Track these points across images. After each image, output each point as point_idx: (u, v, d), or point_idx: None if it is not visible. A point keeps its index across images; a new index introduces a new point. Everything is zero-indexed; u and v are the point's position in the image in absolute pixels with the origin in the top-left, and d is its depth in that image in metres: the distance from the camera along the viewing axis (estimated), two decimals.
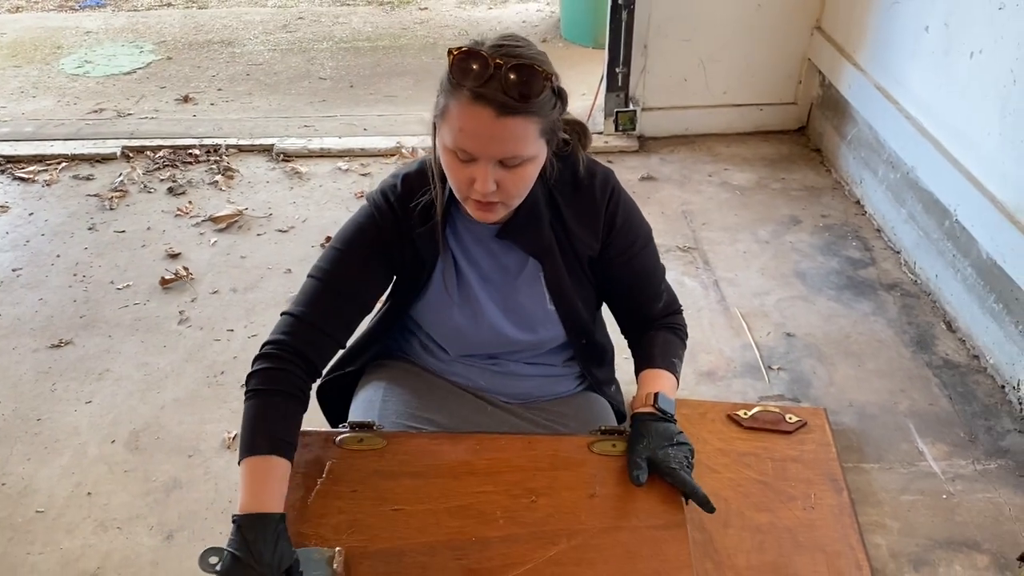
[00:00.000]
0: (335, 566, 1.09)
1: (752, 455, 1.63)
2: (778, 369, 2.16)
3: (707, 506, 1.14)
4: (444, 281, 1.31)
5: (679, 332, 1.40)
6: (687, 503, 1.20)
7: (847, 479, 1.62)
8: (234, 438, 1.88)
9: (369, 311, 1.32)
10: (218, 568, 1.02)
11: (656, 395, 1.24)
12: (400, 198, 1.27)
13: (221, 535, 1.64)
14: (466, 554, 1.15)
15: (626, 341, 1.43)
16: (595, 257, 1.32)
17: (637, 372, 1.34)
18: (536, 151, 1.14)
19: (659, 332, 1.37)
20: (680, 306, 1.42)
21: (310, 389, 1.22)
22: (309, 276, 1.28)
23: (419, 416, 1.36)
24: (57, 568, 1.58)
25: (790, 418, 1.72)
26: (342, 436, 1.28)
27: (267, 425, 1.14)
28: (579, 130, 1.27)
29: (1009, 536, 1.74)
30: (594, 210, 1.29)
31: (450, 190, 1.23)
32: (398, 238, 1.28)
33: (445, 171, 1.17)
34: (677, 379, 1.32)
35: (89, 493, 1.77)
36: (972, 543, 1.72)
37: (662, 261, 1.38)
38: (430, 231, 1.27)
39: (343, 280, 1.27)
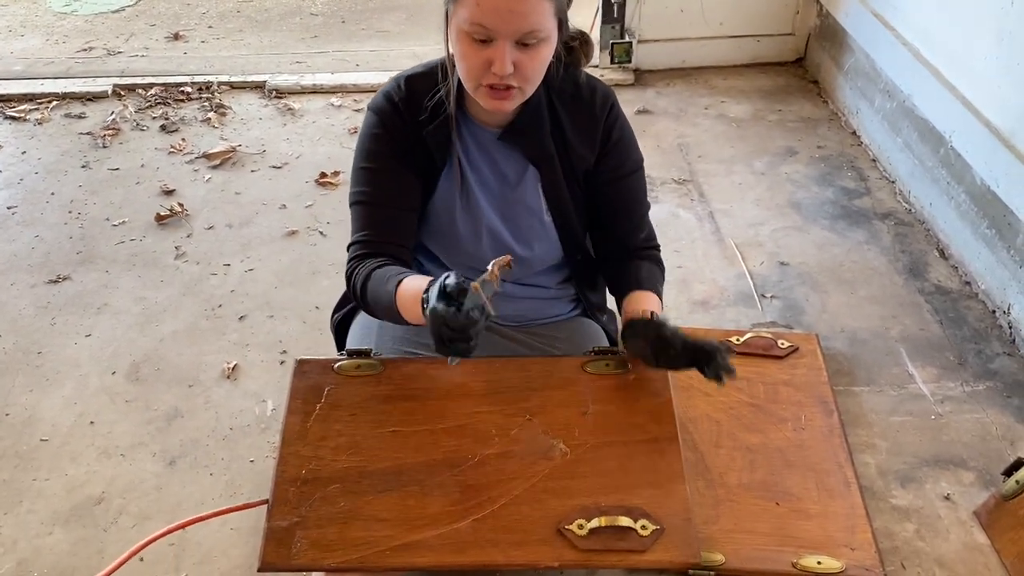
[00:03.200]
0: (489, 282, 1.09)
1: (744, 379, 1.64)
2: (771, 297, 2.17)
3: (726, 372, 1.13)
4: (450, 183, 1.30)
5: (660, 265, 1.40)
6: (679, 419, 1.22)
7: (838, 402, 1.64)
8: (233, 368, 1.89)
9: (419, 208, 1.32)
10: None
11: (651, 312, 1.24)
12: (405, 99, 1.26)
13: (223, 460, 1.66)
14: (463, 471, 1.16)
15: (602, 276, 1.42)
16: (590, 171, 1.31)
17: (620, 298, 1.33)
18: (551, 30, 1.13)
19: (642, 262, 1.36)
20: (659, 244, 1.41)
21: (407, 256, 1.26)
22: (352, 205, 1.30)
23: (415, 341, 1.37)
24: (63, 493, 1.60)
25: (782, 343, 1.73)
26: (340, 363, 1.29)
27: (389, 273, 1.18)
28: (582, 40, 1.25)
29: (995, 454, 1.76)
30: (593, 122, 1.28)
31: (458, 86, 1.21)
32: (408, 138, 1.27)
33: (458, 60, 1.16)
34: (661, 301, 1.32)
35: (92, 422, 1.78)
36: (959, 461, 1.75)
37: (656, 193, 1.37)
38: (442, 125, 1.25)
39: (383, 192, 1.28)
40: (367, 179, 1.28)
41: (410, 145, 1.27)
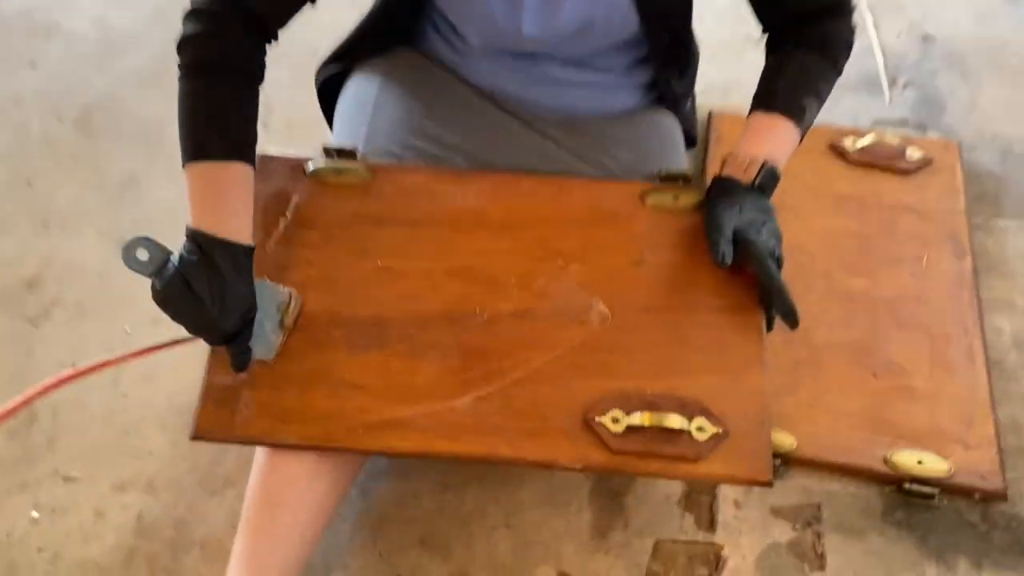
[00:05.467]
0: (288, 312, 0.97)
1: (854, 200, 1.42)
2: (904, 84, 1.83)
3: (792, 317, 0.93)
4: None
5: (831, 51, 1.03)
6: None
7: (973, 240, 1.40)
8: None
9: None
10: (152, 272, 0.87)
11: (764, 164, 0.98)
12: None
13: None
14: (467, 330, 0.99)
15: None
16: None
17: (751, 108, 1.04)
18: None
19: (798, 52, 1.02)
20: (853, 5, 1.02)
21: (264, 56, 0.98)
22: None
23: (420, 132, 1.13)
24: None
25: (912, 153, 1.48)
26: (315, 165, 1.06)
27: (217, 118, 0.93)
28: None
29: None
30: None
31: None
32: None
33: None
34: (804, 131, 1.02)
35: (29, 183, 1.62)
36: None
37: None
38: None
39: None
40: None
41: None
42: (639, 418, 0.92)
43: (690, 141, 1.29)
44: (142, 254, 0.87)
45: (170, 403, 1.28)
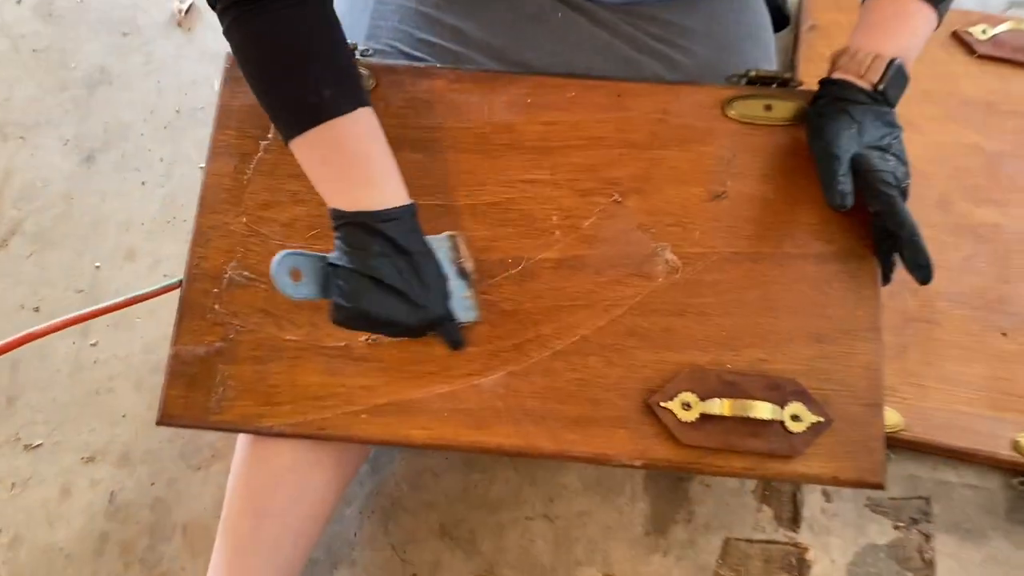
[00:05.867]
0: (463, 257, 0.76)
1: (982, 106, 1.17)
2: None
3: (925, 270, 0.72)
4: None
5: None
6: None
7: None
8: (188, 10, 1.45)
9: None
10: (322, 292, 0.72)
11: (891, 63, 0.75)
12: None
13: (163, 162, 1.31)
14: (496, 286, 0.81)
15: None
16: None
17: None
18: None
19: None
20: None
21: None
22: None
23: (438, 20, 0.90)
24: None
25: None
26: None
27: (310, 62, 0.71)
28: None
29: None
30: None
31: None
32: None
33: None
34: (942, 17, 0.79)
35: None
36: None
37: None
38: None
39: None
40: None
41: None
42: (717, 406, 0.73)
43: (779, 23, 1.04)
44: (301, 276, 0.70)
45: (147, 357, 1.10)
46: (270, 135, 0.83)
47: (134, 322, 1.12)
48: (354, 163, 0.71)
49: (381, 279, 0.69)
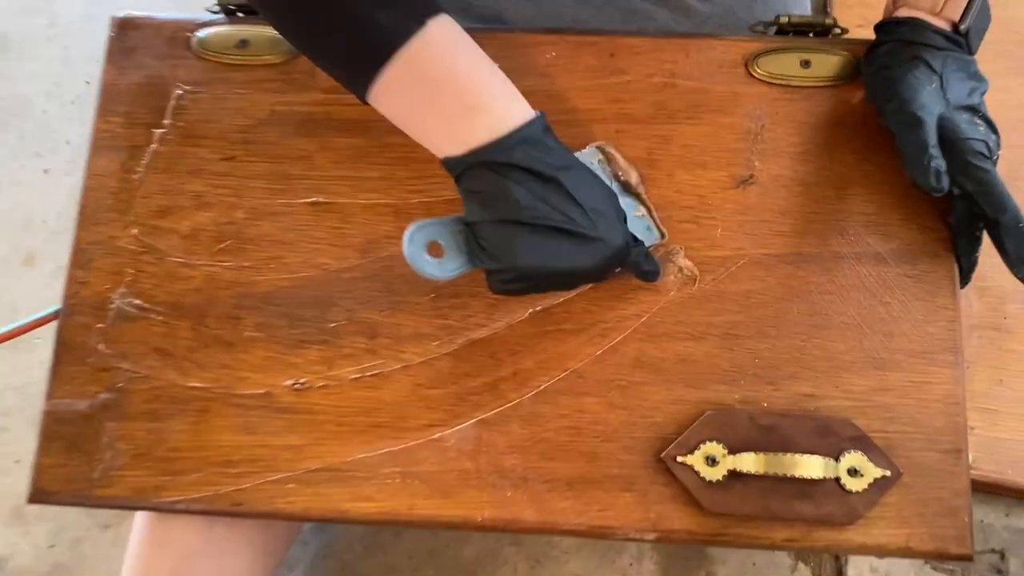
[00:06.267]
0: (619, 165, 0.64)
1: None
2: None
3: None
4: None
5: None
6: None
7: None
8: None
9: None
10: (469, 262, 0.58)
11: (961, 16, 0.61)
12: None
13: (68, 145, 1.16)
14: (463, 307, 0.62)
15: None
16: None
17: None
18: None
19: None
20: None
21: None
22: None
23: None
24: None
25: None
26: (206, 32, 0.69)
27: None
28: None
29: None
30: None
31: None
32: None
33: None
34: None
35: None
36: None
37: None
38: None
39: None
40: None
41: None
42: (751, 461, 0.57)
43: None
44: (441, 251, 0.57)
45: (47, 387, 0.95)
46: (166, 120, 0.67)
47: (33, 344, 0.96)
48: (443, 91, 0.55)
49: (533, 222, 0.54)
